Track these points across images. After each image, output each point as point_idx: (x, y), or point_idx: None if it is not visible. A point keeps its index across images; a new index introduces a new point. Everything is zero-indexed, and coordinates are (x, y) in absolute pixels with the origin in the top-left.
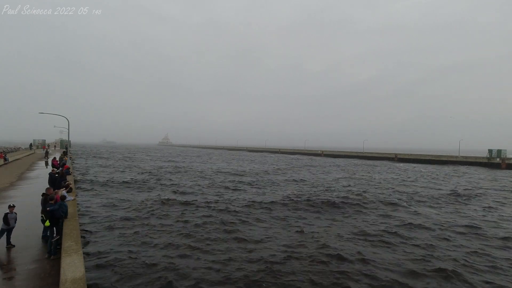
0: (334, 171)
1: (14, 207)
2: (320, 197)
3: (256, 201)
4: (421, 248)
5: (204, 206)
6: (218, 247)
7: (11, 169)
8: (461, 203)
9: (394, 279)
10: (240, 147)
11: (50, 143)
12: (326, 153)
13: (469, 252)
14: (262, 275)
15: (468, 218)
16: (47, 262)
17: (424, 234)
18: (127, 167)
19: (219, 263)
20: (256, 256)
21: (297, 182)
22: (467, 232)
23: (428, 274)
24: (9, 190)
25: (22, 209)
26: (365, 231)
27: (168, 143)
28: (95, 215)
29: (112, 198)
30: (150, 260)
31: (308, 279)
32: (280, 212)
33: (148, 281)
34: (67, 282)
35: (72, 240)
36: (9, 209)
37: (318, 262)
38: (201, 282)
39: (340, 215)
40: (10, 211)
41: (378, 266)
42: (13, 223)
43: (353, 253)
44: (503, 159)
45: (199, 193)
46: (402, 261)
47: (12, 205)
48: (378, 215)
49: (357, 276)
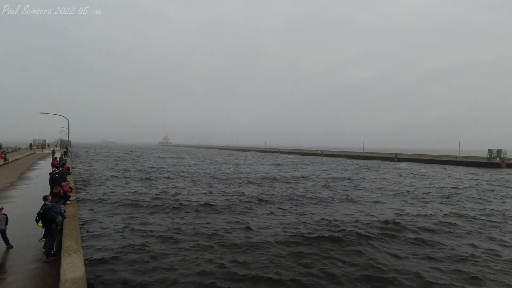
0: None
1: (2, 209)
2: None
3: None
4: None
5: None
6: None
7: (11, 169)
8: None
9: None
10: (241, 147)
11: (50, 143)
12: (326, 153)
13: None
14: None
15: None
16: (46, 262)
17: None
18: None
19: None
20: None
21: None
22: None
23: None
24: (9, 190)
25: (22, 209)
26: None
27: (168, 143)
28: (97, 215)
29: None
30: (151, 259)
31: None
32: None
33: (148, 281)
34: (67, 282)
35: (72, 240)
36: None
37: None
38: (203, 283)
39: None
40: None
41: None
42: (3, 225)
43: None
44: (503, 159)
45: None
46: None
47: (1, 207)
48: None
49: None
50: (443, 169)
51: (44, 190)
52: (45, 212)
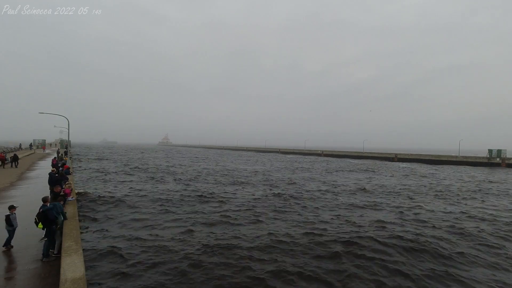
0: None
1: (16, 208)
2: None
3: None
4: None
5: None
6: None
7: (11, 169)
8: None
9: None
10: (241, 147)
11: (51, 143)
12: (326, 153)
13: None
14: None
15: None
16: (46, 262)
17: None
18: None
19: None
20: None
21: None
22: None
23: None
24: (9, 190)
25: (23, 209)
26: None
27: (168, 143)
28: (98, 215)
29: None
30: (153, 259)
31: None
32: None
33: (149, 281)
34: (67, 282)
35: (72, 240)
36: (10, 210)
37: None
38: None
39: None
40: (11, 212)
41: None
42: (16, 224)
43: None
44: (503, 159)
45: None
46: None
47: (13, 206)
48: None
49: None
50: (443, 169)
51: (44, 190)
52: (47, 213)
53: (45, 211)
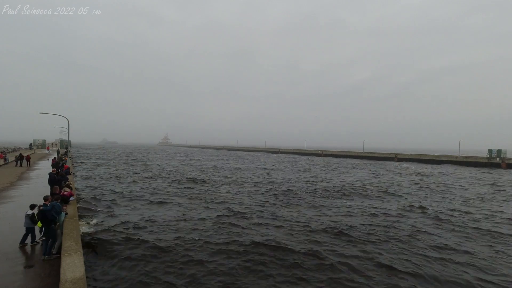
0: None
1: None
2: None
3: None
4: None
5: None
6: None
7: (11, 169)
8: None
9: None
10: (241, 147)
11: (52, 143)
12: (326, 153)
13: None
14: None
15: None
16: (47, 262)
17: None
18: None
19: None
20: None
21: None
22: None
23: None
24: (9, 190)
25: (23, 209)
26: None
27: (168, 143)
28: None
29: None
30: (153, 259)
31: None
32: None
33: (149, 281)
34: (67, 282)
35: (72, 240)
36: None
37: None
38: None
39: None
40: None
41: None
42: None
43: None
44: (503, 159)
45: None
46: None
47: (34, 204)
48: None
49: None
50: (444, 169)
51: (44, 190)
52: (46, 214)
53: (44, 211)
